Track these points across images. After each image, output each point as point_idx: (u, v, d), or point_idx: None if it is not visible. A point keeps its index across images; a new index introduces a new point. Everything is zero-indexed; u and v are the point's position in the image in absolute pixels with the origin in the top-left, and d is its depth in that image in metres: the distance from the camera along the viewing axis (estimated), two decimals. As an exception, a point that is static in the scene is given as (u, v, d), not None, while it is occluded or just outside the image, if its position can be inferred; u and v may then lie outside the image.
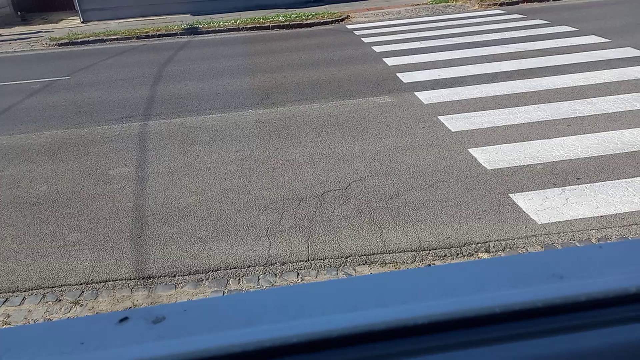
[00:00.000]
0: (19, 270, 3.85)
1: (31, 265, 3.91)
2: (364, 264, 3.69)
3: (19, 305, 3.53)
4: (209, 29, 14.00)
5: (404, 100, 6.94)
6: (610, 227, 3.81)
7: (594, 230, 3.81)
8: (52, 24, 17.10)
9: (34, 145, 6.35)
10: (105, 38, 13.67)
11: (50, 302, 3.52)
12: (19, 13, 18.73)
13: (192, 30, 13.97)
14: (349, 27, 13.15)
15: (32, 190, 5.14)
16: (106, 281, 3.67)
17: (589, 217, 3.94)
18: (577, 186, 4.39)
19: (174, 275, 3.69)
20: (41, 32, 15.42)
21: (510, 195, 4.35)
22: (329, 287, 0.64)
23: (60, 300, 3.53)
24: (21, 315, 3.42)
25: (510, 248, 3.72)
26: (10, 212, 4.74)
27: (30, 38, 14.62)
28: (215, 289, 3.54)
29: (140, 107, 7.59)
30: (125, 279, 3.68)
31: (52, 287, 3.64)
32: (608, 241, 3.67)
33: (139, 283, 3.64)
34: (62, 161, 5.81)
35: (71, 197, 4.94)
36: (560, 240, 3.74)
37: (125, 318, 0.57)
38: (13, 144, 6.45)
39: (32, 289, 3.64)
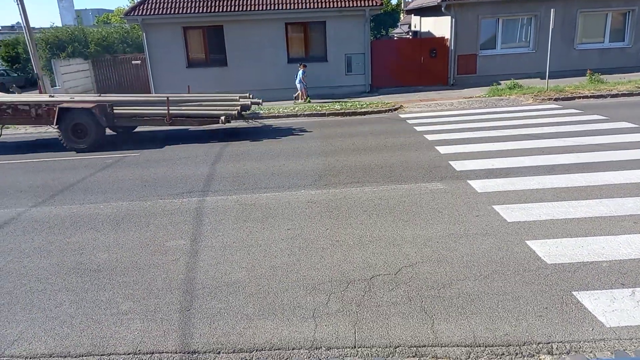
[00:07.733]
0: (72, 336, 3.95)
1: (85, 331, 4.00)
2: (413, 357, 3.50)
3: (68, 370, 3.58)
4: (269, 115, 14.92)
5: (456, 188, 6.91)
6: (692, 337, 3.45)
7: (672, 339, 3.45)
8: (129, 106, 18.89)
9: (101, 215, 6.77)
10: (174, 120, 14.86)
11: (97, 370, 3.55)
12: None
13: (253, 115, 14.92)
14: (402, 116, 13.60)
15: (94, 257, 5.40)
16: (153, 353, 3.68)
17: (666, 323, 3.60)
18: (649, 288, 4.06)
19: (219, 352, 3.65)
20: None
21: (574, 293, 4.08)
22: None
23: (106, 369, 3.56)
24: (68, 381, 3.46)
25: (576, 351, 3.42)
26: (72, 277, 4.96)
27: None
28: (259, 370, 3.45)
29: (200, 183, 8.01)
30: (171, 352, 3.67)
31: (102, 355, 3.69)
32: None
33: (184, 358, 3.62)
34: (124, 231, 6.12)
35: (129, 266, 5.13)
36: (633, 347, 3.41)
37: None
38: (82, 213, 6.90)
39: (82, 355, 3.70)
